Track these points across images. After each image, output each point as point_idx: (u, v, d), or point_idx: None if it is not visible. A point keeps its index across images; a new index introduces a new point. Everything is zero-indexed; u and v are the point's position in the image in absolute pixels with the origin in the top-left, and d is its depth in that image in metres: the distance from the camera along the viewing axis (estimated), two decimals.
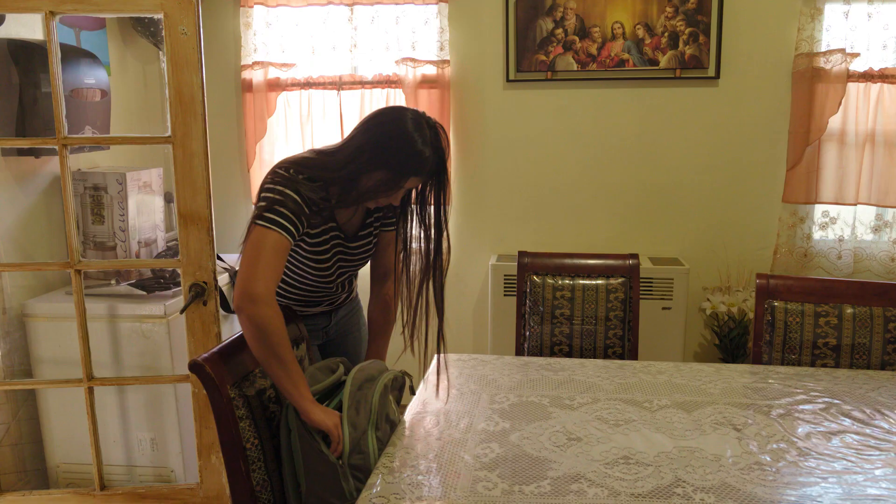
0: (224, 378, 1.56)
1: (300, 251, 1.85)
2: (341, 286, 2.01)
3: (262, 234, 1.62)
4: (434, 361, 2.16)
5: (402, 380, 1.82)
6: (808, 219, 3.26)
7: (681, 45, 3.21)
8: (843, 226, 3.25)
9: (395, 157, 1.68)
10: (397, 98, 3.35)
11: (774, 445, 1.60)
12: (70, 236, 2.21)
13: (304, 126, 3.42)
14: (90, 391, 2.30)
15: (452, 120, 3.40)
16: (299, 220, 1.68)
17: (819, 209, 3.27)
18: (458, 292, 3.54)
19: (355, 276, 2.08)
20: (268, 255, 1.61)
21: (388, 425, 1.71)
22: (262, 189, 1.70)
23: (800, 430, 1.68)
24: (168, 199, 2.99)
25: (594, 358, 2.46)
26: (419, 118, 1.72)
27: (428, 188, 1.81)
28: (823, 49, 3.12)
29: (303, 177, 1.70)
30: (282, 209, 1.64)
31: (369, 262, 2.03)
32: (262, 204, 1.66)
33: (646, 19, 3.21)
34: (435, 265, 1.86)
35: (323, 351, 2.09)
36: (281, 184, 1.68)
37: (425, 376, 2.05)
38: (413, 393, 1.87)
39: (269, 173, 1.73)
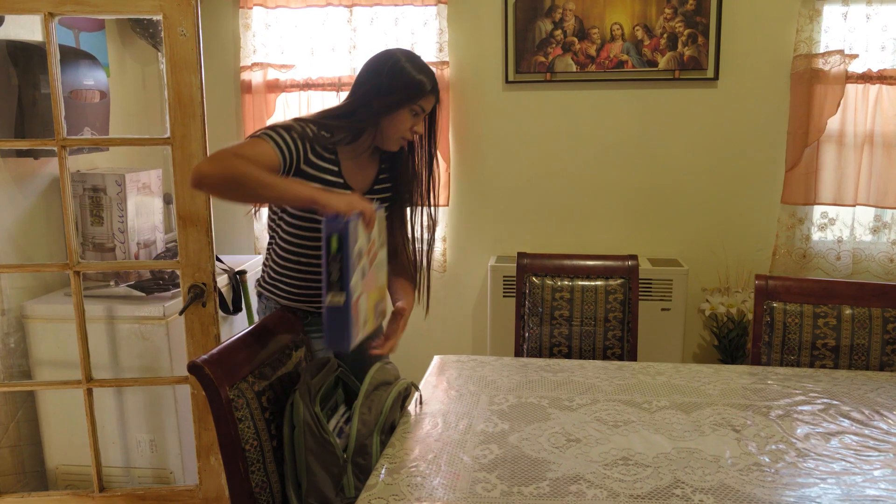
0: (223, 379, 1.56)
1: (308, 225, 1.81)
2: None
3: (254, 139, 1.67)
4: (433, 362, 2.16)
5: (410, 390, 1.83)
6: (807, 220, 3.26)
7: (680, 46, 3.22)
8: (841, 227, 3.26)
9: (394, 83, 1.77)
10: None
11: (773, 446, 1.60)
12: (69, 237, 2.21)
13: None
14: (89, 393, 2.30)
15: (452, 121, 3.40)
16: (297, 146, 1.70)
17: (818, 210, 3.27)
18: (457, 293, 3.55)
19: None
20: (250, 147, 1.62)
21: (390, 433, 1.71)
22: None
23: (799, 430, 1.68)
24: (167, 200, 2.99)
25: (593, 359, 2.46)
26: (402, 51, 1.83)
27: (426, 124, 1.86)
28: (822, 50, 3.12)
29: (308, 122, 1.77)
30: (281, 130, 1.69)
31: None
32: (269, 126, 1.72)
33: (645, 21, 3.22)
34: (430, 191, 1.94)
35: (337, 353, 2.00)
36: (283, 124, 1.74)
37: (424, 377, 2.05)
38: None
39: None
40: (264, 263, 1.99)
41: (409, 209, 1.95)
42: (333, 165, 1.80)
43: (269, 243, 1.95)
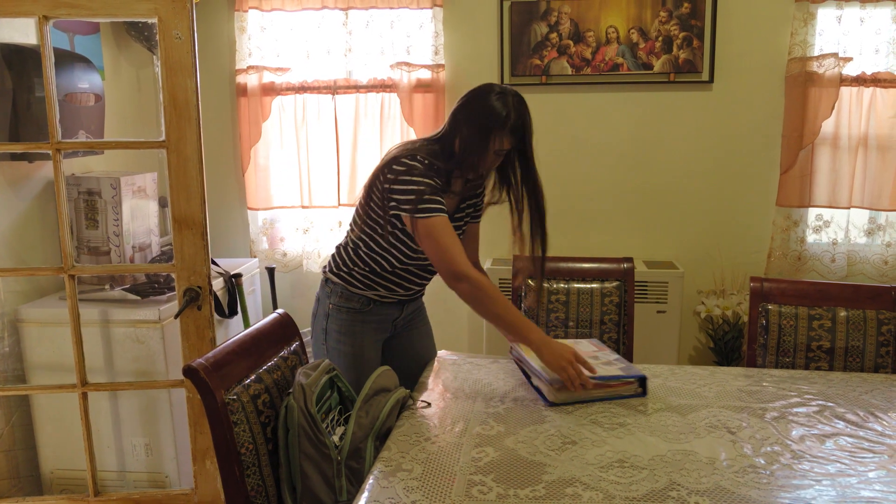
0: (218, 383, 1.56)
1: (400, 230, 1.95)
2: (429, 275, 2.12)
3: (429, 223, 1.86)
4: (430, 364, 2.16)
5: (408, 400, 1.85)
6: (802, 222, 3.27)
7: (675, 49, 3.23)
8: (836, 229, 3.27)
9: (478, 118, 1.88)
10: (392, 103, 3.35)
11: (769, 448, 1.60)
12: (64, 241, 2.20)
13: (298, 130, 3.42)
14: (84, 397, 2.30)
15: None
16: (442, 196, 1.89)
17: (813, 213, 3.28)
18: (454, 296, 3.53)
19: (434, 274, 2.14)
20: (445, 237, 1.86)
21: (385, 440, 1.71)
22: (400, 180, 1.88)
23: (794, 432, 1.68)
24: (162, 203, 2.98)
25: None
26: (503, 87, 1.94)
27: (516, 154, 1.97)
28: (816, 53, 3.13)
29: (428, 162, 1.90)
30: (429, 196, 1.86)
31: None
32: (412, 197, 1.86)
33: (640, 24, 3.22)
34: (537, 215, 2.07)
35: (388, 345, 2.17)
36: (420, 174, 1.87)
37: (420, 380, 2.05)
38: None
39: (399, 163, 1.90)
40: (343, 252, 2.08)
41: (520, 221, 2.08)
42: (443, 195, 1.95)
43: (361, 237, 2.02)
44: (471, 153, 1.90)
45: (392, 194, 1.89)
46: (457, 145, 1.91)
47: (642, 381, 1.90)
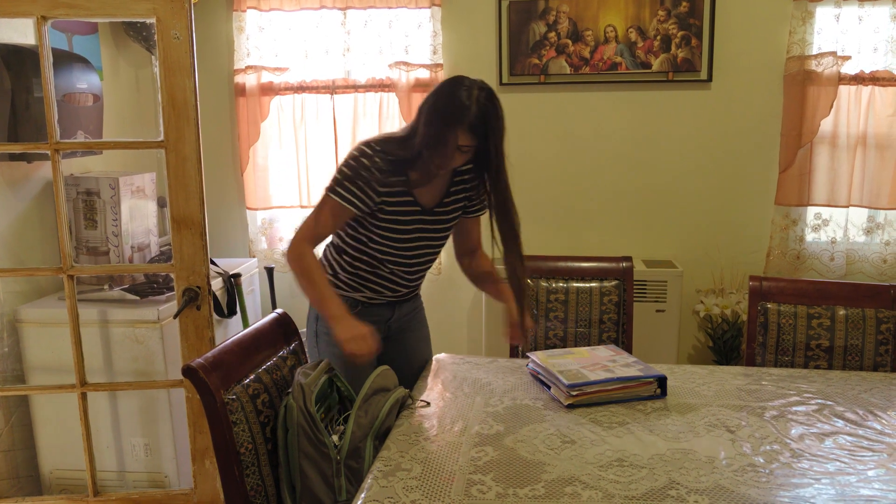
0: (218, 383, 1.56)
1: (379, 222, 1.91)
2: (418, 269, 2.04)
3: (325, 198, 1.87)
4: (429, 364, 2.16)
5: (406, 400, 1.84)
6: (801, 221, 3.27)
7: (673, 48, 3.23)
8: (835, 228, 3.27)
9: (440, 110, 1.77)
10: (390, 102, 3.35)
11: (768, 447, 1.60)
12: (62, 241, 2.20)
13: (297, 130, 3.42)
14: (83, 397, 2.30)
15: None
16: (366, 194, 1.84)
17: (811, 211, 3.28)
18: (453, 295, 3.54)
19: (424, 273, 2.10)
20: (320, 216, 1.87)
21: (384, 440, 1.71)
22: (341, 163, 1.88)
23: (793, 431, 1.68)
24: (161, 203, 2.98)
25: None
26: (472, 81, 1.81)
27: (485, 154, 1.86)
28: (815, 52, 3.13)
29: (381, 149, 1.85)
30: (348, 184, 1.83)
31: (455, 244, 2.17)
32: (337, 176, 1.86)
33: (638, 23, 3.22)
34: (504, 227, 1.97)
35: (383, 347, 2.05)
36: (359, 156, 1.85)
37: (419, 379, 2.05)
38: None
39: (352, 149, 1.89)
40: (328, 254, 2.06)
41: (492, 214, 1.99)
42: (403, 186, 1.88)
43: (343, 239, 1.99)
44: (426, 146, 1.79)
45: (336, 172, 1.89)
46: (417, 136, 1.82)
47: (662, 381, 1.90)
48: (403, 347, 2.14)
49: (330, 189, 1.86)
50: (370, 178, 1.83)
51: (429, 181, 1.91)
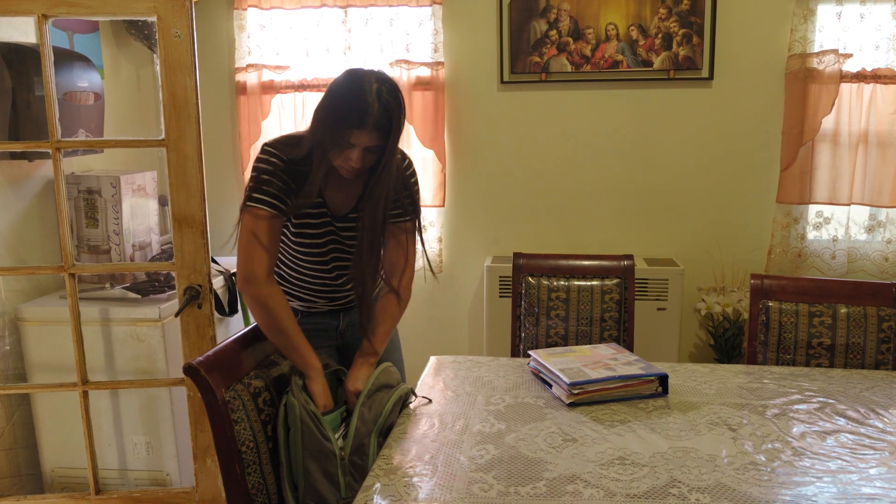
0: (219, 381, 1.56)
1: (289, 234, 1.84)
2: (342, 281, 1.91)
3: (253, 214, 1.70)
4: (430, 363, 2.16)
5: (409, 396, 1.84)
6: (802, 219, 3.27)
7: (674, 46, 3.22)
8: (836, 226, 3.26)
9: (339, 108, 1.62)
10: None
11: (769, 445, 1.60)
12: (63, 240, 2.20)
13: (298, 128, 3.42)
14: (85, 395, 2.30)
15: (447, 122, 3.40)
16: (281, 190, 1.71)
17: (813, 209, 3.28)
18: (454, 294, 3.54)
19: (369, 280, 1.82)
20: (261, 236, 1.70)
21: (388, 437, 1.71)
22: (252, 168, 1.75)
23: (795, 429, 1.68)
24: (162, 202, 2.98)
25: None
26: (369, 73, 1.65)
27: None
28: (816, 50, 3.13)
29: (277, 151, 1.73)
30: (267, 188, 1.70)
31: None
32: (251, 184, 1.72)
33: (639, 21, 3.22)
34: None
35: (341, 353, 2.03)
36: (259, 161, 1.73)
37: (420, 378, 2.05)
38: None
39: (259, 151, 1.76)
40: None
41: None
42: (318, 197, 1.78)
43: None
44: (318, 144, 1.65)
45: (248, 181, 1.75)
46: (315, 140, 1.68)
47: (663, 380, 1.89)
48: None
49: (247, 199, 1.70)
50: (277, 173, 1.70)
51: (337, 185, 1.79)
